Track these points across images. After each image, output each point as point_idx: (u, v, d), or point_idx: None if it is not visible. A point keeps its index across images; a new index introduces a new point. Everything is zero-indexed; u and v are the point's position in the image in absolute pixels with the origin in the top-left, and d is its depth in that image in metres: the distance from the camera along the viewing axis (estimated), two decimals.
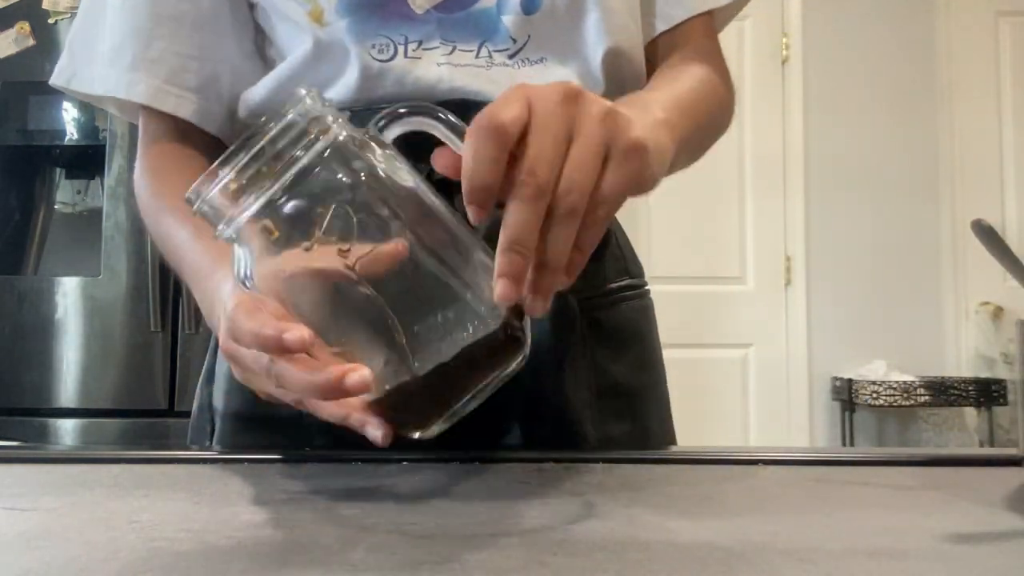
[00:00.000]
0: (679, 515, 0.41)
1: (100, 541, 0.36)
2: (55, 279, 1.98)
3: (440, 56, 0.68)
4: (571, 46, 0.70)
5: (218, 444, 0.71)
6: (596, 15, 0.70)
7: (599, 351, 0.71)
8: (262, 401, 0.52)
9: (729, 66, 0.77)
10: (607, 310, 0.73)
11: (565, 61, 0.70)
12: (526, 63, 0.70)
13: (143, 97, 0.72)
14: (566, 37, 0.70)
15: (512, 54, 0.69)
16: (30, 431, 1.89)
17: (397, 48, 0.69)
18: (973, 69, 3.39)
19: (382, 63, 0.68)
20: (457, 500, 0.45)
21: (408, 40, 0.69)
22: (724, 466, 0.56)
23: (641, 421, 0.73)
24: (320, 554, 0.34)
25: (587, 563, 0.33)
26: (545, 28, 0.69)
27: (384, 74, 0.68)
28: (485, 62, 0.69)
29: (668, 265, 3.04)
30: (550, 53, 0.70)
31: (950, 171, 3.36)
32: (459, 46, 0.69)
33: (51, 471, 0.54)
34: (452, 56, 0.68)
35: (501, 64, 0.69)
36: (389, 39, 0.69)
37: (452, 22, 0.69)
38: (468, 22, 0.69)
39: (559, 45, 0.70)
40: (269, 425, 0.68)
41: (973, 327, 3.28)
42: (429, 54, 0.68)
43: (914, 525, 0.40)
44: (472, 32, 0.69)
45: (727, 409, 3.29)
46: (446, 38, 0.69)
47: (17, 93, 2.03)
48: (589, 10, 0.70)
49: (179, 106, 0.73)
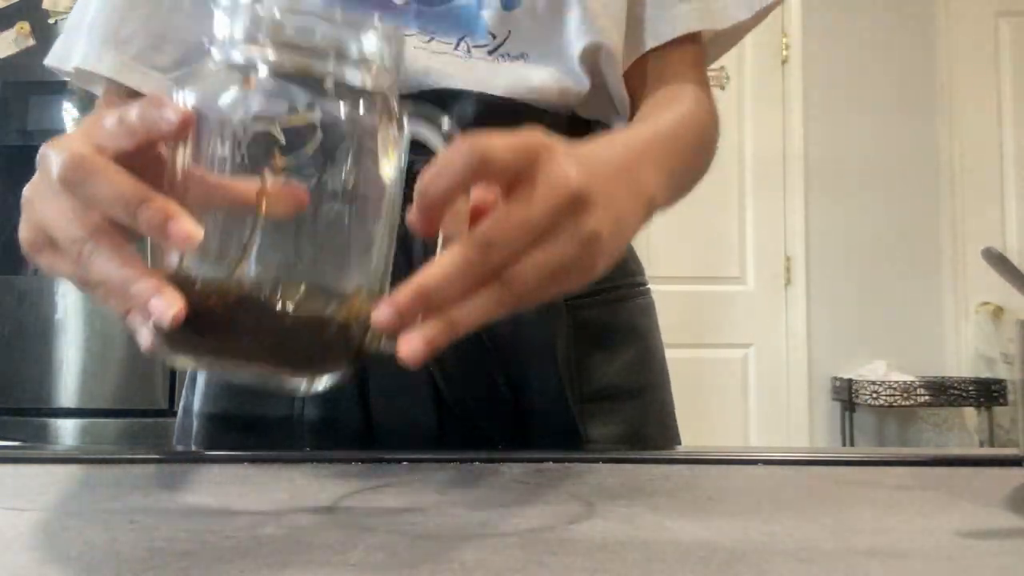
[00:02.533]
0: (679, 515, 0.41)
1: (100, 541, 0.36)
2: (55, 279, 1.98)
3: (418, 42, 0.68)
4: (552, 43, 0.70)
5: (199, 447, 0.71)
6: (577, 12, 0.69)
7: (590, 352, 0.70)
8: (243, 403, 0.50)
9: (729, 66, 0.76)
10: (600, 308, 0.72)
11: (546, 58, 0.70)
12: (506, 58, 0.69)
13: (108, 71, 0.72)
14: (547, 34, 0.69)
15: (491, 50, 0.69)
16: (30, 431, 1.89)
17: None
18: (973, 69, 3.39)
19: None
20: (457, 500, 0.45)
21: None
22: (724, 466, 0.56)
23: (634, 425, 0.72)
24: (320, 554, 0.34)
25: (587, 563, 0.33)
26: (525, 24, 0.69)
27: None
28: (463, 55, 0.68)
29: (668, 265, 3.04)
30: (530, 50, 0.69)
31: (950, 171, 3.36)
32: (438, 38, 0.68)
33: (51, 471, 0.54)
34: (430, 45, 0.68)
35: (480, 59, 0.68)
36: None
37: (432, 15, 0.68)
38: (448, 16, 0.68)
39: (540, 42, 0.69)
40: (251, 427, 0.68)
41: (973, 327, 3.29)
42: (407, 39, 0.67)
43: (914, 525, 0.40)
44: (452, 25, 0.68)
45: (727, 409, 3.29)
46: (424, 28, 0.68)
47: (17, 93, 2.04)
48: (570, 7, 0.69)
49: (144, 82, 0.72)
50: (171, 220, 0.36)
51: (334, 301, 0.39)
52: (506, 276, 0.39)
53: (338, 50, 0.39)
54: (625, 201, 0.47)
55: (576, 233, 0.41)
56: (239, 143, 0.38)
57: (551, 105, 0.70)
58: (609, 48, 0.70)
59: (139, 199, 0.37)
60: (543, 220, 0.40)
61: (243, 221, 0.38)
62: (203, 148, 0.38)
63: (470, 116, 0.67)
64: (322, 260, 0.39)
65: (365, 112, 0.39)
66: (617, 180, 0.47)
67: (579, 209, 0.41)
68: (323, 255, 0.39)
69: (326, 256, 0.39)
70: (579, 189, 0.41)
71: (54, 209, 0.40)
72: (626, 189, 0.47)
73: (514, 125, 0.68)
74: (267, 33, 0.38)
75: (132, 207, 0.37)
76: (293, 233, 0.38)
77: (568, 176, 0.41)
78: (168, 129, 0.38)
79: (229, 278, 0.38)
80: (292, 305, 0.38)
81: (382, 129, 0.40)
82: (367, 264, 0.40)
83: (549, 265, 0.40)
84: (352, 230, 0.39)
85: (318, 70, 0.38)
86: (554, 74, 0.70)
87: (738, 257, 3.35)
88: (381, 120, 0.40)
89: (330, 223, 0.38)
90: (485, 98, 0.67)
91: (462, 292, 0.39)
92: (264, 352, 0.38)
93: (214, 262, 0.38)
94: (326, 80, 0.38)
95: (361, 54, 0.39)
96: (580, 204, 0.41)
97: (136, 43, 0.72)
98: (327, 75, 0.38)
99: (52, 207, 0.40)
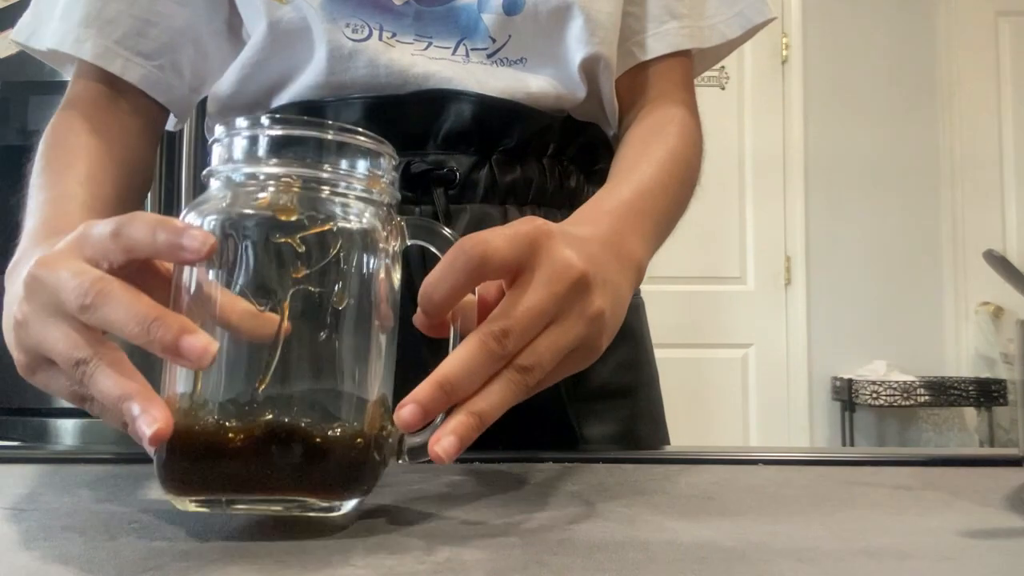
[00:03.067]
0: (679, 515, 0.41)
1: (100, 541, 0.36)
2: None
3: (414, 49, 0.67)
4: (552, 50, 0.69)
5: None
6: (580, 22, 0.68)
7: None
8: None
9: (729, 66, 0.77)
10: None
11: (544, 64, 0.70)
12: (504, 63, 0.69)
13: (90, 55, 0.69)
14: (547, 41, 0.69)
15: (491, 53, 0.68)
16: (30, 431, 1.89)
17: (372, 31, 0.67)
18: (973, 69, 3.39)
19: (355, 42, 0.66)
20: (457, 500, 0.45)
21: (383, 28, 0.67)
22: (724, 466, 0.56)
23: (627, 424, 0.72)
24: (320, 554, 0.34)
25: (587, 563, 0.33)
26: (526, 30, 0.68)
27: (356, 55, 0.66)
28: (462, 59, 0.68)
29: (668, 265, 3.04)
30: (530, 55, 0.69)
31: (950, 171, 3.36)
32: (435, 42, 0.68)
33: (51, 471, 0.54)
34: (427, 51, 0.67)
35: (478, 62, 0.68)
36: (365, 23, 0.67)
37: (431, 16, 0.68)
38: (448, 17, 0.68)
39: (540, 48, 0.69)
40: None
41: (973, 327, 3.29)
42: (404, 46, 0.67)
43: (914, 525, 0.40)
44: (451, 28, 0.68)
45: (727, 409, 3.29)
46: (422, 33, 0.67)
47: (17, 93, 2.03)
48: (574, 17, 0.68)
49: (127, 69, 0.70)
50: (185, 335, 0.35)
51: (358, 414, 0.38)
52: (522, 361, 0.40)
53: (348, 163, 0.39)
54: (618, 275, 0.48)
55: (583, 313, 0.43)
56: (256, 258, 0.37)
57: (548, 108, 0.70)
58: (607, 59, 0.70)
59: (152, 317, 0.35)
60: (553, 304, 0.41)
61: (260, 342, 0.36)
62: (218, 265, 0.37)
63: (468, 116, 0.67)
64: (345, 373, 0.38)
65: (376, 223, 0.39)
66: (608, 256, 0.48)
67: (583, 290, 0.43)
68: (345, 368, 0.38)
69: (347, 368, 0.38)
70: (583, 272, 0.43)
71: (53, 333, 0.38)
72: (617, 263, 0.49)
73: (511, 126, 0.68)
74: (273, 151, 0.38)
75: (145, 325, 0.35)
76: (313, 349, 0.37)
77: (570, 260, 0.42)
78: (192, 257, 0.36)
79: (252, 403, 0.36)
80: (321, 425, 0.36)
81: (391, 239, 0.40)
82: (382, 373, 0.40)
83: (562, 346, 0.42)
84: (371, 340, 0.39)
85: (329, 183, 0.38)
86: (551, 80, 0.70)
87: (738, 257, 3.35)
88: (390, 230, 0.40)
89: (349, 335, 0.38)
90: (484, 99, 0.67)
91: (481, 381, 0.39)
92: (294, 480, 0.36)
93: (231, 386, 0.36)
94: (339, 192, 0.39)
95: (370, 168, 0.40)
96: (584, 285, 0.43)
97: (120, 25, 0.70)
98: (340, 187, 0.39)
99: (50, 331, 0.38)
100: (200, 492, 0.36)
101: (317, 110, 0.67)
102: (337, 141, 0.39)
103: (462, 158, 0.67)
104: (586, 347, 0.44)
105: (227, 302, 0.37)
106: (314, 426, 0.36)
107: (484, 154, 0.68)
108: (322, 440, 0.36)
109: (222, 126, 0.39)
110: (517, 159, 0.68)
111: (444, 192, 0.66)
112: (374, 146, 0.40)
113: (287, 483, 0.36)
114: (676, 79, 0.74)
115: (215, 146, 0.39)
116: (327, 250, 0.37)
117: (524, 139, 0.68)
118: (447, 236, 0.42)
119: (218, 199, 0.38)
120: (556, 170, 0.71)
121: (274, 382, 0.36)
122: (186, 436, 0.36)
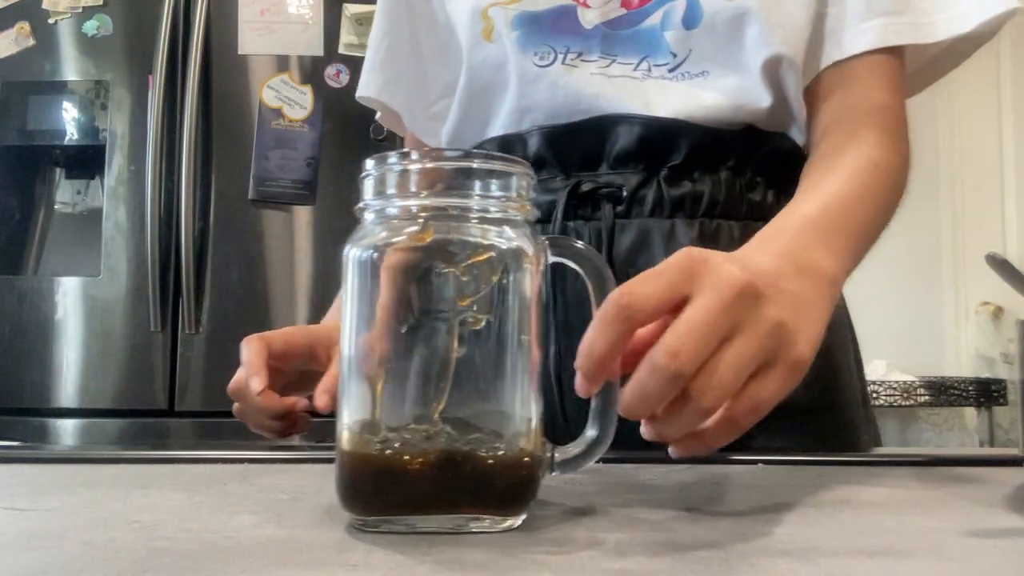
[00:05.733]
0: (679, 515, 0.41)
1: (100, 541, 0.36)
2: (55, 279, 1.98)
3: (596, 68, 0.71)
4: (732, 59, 0.70)
5: None
6: (757, 27, 0.68)
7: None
8: None
9: None
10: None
11: (726, 74, 0.70)
12: (685, 77, 0.70)
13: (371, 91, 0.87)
14: (726, 49, 0.70)
15: (672, 68, 0.71)
16: (30, 431, 1.89)
17: (557, 55, 0.72)
18: (973, 69, 3.38)
19: (540, 68, 0.72)
20: None
21: (569, 50, 0.72)
22: (724, 466, 0.56)
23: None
24: (320, 554, 0.34)
25: (587, 563, 0.33)
26: (705, 42, 0.70)
27: (540, 79, 0.72)
28: (642, 74, 0.71)
29: None
30: (711, 67, 0.70)
31: (950, 171, 3.35)
32: (619, 59, 0.71)
33: (51, 471, 0.54)
34: (609, 68, 0.71)
35: (659, 77, 0.70)
36: (552, 48, 0.72)
37: (616, 38, 0.72)
38: (633, 39, 0.71)
39: (720, 58, 0.70)
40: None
41: (973, 327, 3.28)
42: (586, 65, 0.71)
43: (914, 525, 0.40)
44: (635, 48, 0.71)
45: None
46: (607, 52, 0.72)
47: (17, 93, 2.03)
48: (751, 22, 0.68)
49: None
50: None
51: (525, 433, 0.39)
52: (700, 386, 0.39)
53: (495, 188, 0.40)
54: (798, 285, 0.46)
55: (758, 323, 0.41)
56: (419, 289, 0.39)
57: (723, 121, 0.70)
58: (791, 59, 0.68)
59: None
60: (721, 315, 0.40)
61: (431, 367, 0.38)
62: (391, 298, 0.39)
63: (634, 138, 0.69)
64: (511, 393, 0.39)
65: (527, 243, 0.40)
66: (784, 268, 0.47)
67: (751, 301, 0.41)
68: (510, 388, 0.39)
69: (513, 389, 0.39)
70: (748, 282, 0.41)
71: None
72: (796, 275, 0.47)
73: (677, 144, 0.70)
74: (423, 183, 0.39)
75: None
76: (483, 372, 0.39)
77: (733, 272, 0.41)
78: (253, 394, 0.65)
79: (427, 427, 0.38)
80: (494, 445, 0.38)
81: (539, 257, 0.41)
82: (536, 391, 0.40)
83: (741, 362, 0.40)
84: (530, 359, 0.40)
85: (480, 210, 0.39)
86: (731, 92, 0.70)
87: None
88: (538, 249, 0.41)
89: (512, 356, 0.39)
90: (649, 120, 0.69)
91: (657, 404, 0.40)
92: (471, 500, 0.38)
93: (408, 411, 0.39)
94: (489, 219, 0.39)
95: (516, 191, 0.40)
96: (751, 296, 0.41)
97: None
98: (490, 213, 0.39)
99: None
100: (382, 512, 0.38)
101: (508, 144, 0.74)
102: (482, 168, 0.40)
103: (630, 176, 0.70)
104: (779, 362, 0.42)
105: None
106: (487, 448, 0.38)
107: (652, 171, 0.70)
108: (495, 462, 0.38)
109: (372, 160, 0.41)
110: (686, 174, 0.70)
111: (612, 208, 0.70)
112: (514, 169, 0.41)
113: (465, 503, 0.38)
114: (879, 82, 0.69)
115: (367, 180, 0.41)
116: (488, 276, 0.39)
117: (692, 155, 0.70)
118: (580, 249, 0.42)
119: (374, 234, 0.40)
120: (737, 183, 0.71)
121: (448, 406, 0.38)
122: (362, 459, 0.38)
